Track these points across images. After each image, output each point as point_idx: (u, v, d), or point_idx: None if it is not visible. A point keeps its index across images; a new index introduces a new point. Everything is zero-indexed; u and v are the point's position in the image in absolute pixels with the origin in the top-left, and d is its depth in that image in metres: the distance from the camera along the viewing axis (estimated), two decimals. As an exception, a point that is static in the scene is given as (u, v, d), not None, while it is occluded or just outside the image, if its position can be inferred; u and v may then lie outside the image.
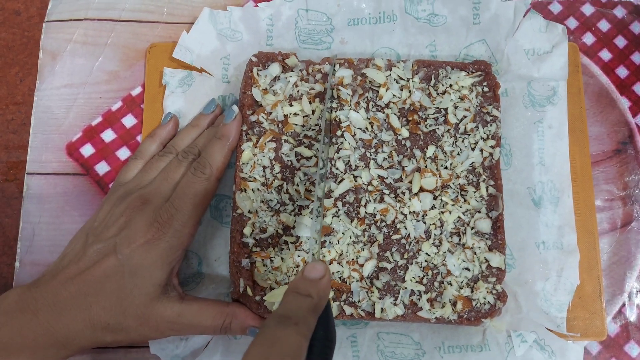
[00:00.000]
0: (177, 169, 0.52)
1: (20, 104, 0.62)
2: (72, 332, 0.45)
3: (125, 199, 0.50)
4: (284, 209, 0.53)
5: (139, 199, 0.49)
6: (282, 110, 0.55)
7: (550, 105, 0.58)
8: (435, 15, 0.60)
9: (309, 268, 0.42)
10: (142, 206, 0.49)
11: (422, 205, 0.53)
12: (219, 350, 0.53)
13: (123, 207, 0.49)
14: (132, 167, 0.54)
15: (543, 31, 0.59)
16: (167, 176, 0.51)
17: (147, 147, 0.55)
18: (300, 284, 0.41)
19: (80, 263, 0.47)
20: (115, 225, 0.48)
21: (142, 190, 0.51)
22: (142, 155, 0.55)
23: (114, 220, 0.49)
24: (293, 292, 0.40)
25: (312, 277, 0.41)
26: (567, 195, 0.56)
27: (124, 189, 0.52)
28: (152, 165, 0.53)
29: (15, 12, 0.64)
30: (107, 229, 0.48)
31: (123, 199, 0.50)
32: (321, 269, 0.42)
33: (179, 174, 0.52)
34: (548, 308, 0.54)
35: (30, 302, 0.45)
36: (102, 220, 0.50)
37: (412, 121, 0.55)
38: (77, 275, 0.46)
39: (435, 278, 0.52)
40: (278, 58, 0.56)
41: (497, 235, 0.53)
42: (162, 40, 0.62)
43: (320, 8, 0.60)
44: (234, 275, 0.52)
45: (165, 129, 0.56)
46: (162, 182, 0.51)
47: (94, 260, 0.47)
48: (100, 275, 0.46)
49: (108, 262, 0.46)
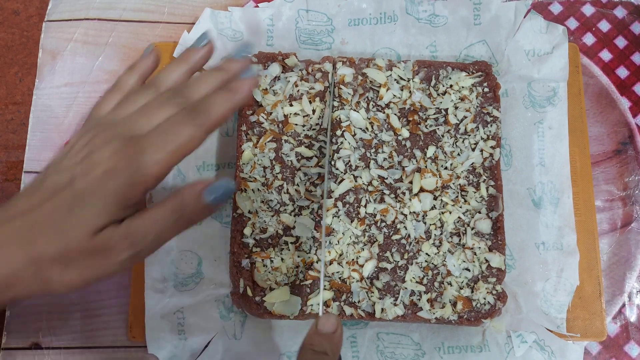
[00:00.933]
0: (159, 108, 0.43)
1: (19, 103, 0.62)
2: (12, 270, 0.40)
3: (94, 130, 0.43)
4: (284, 209, 0.53)
5: (108, 130, 0.42)
6: (282, 110, 0.55)
7: (550, 106, 0.58)
8: (436, 15, 0.60)
9: (323, 322, 0.42)
10: (111, 137, 0.41)
11: (422, 205, 0.53)
12: (219, 350, 0.53)
13: (88, 138, 0.42)
14: (108, 100, 0.46)
15: (543, 32, 0.59)
16: (147, 112, 0.43)
17: (125, 80, 0.47)
18: (315, 340, 0.42)
19: (33, 197, 0.41)
20: (78, 156, 0.42)
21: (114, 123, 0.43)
22: (120, 89, 0.47)
23: (76, 151, 0.42)
24: (309, 350, 0.41)
25: (325, 331, 0.42)
26: (567, 195, 0.56)
27: (95, 122, 0.44)
28: (130, 99, 0.45)
29: (14, 12, 0.64)
30: (68, 160, 0.42)
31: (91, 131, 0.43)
32: (334, 322, 0.42)
33: (161, 114, 0.43)
34: (548, 309, 0.54)
35: None
36: (65, 153, 0.43)
37: (412, 121, 0.55)
38: (27, 210, 0.41)
39: (435, 278, 0.52)
40: (278, 58, 0.56)
41: (497, 235, 0.53)
42: (162, 40, 0.62)
43: (320, 8, 0.60)
44: (234, 275, 0.52)
45: (147, 61, 0.48)
46: (139, 118, 0.43)
47: (48, 192, 0.41)
48: (50, 207, 0.40)
49: (63, 194, 0.41)
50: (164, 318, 0.54)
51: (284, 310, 0.51)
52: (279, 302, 0.51)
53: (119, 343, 0.55)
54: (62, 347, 0.55)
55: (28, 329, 0.56)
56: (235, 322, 0.54)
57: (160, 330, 0.53)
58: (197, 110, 0.42)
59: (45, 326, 0.56)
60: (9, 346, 0.55)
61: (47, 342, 0.55)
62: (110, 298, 0.56)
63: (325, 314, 0.44)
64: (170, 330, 0.53)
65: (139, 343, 0.55)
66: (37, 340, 0.55)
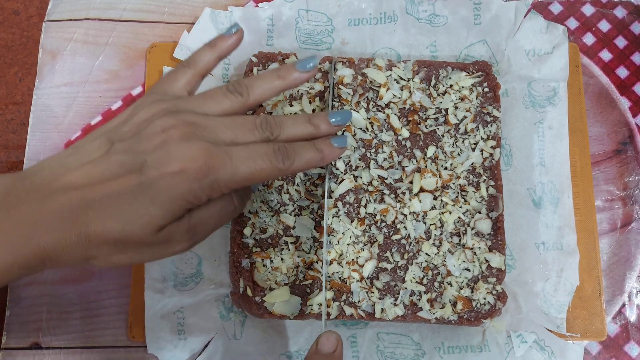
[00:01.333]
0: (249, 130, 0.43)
1: (19, 103, 0.62)
2: (61, 246, 0.38)
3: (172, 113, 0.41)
4: (284, 209, 0.53)
5: (190, 123, 0.40)
6: (282, 110, 0.55)
7: (550, 106, 0.58)
8: (436, 15, 0.60)
9: (323, 341, 0.43)
10: (190, 133, 0.40)
11: (422, 205, 0.53)
12: (219, 350, 0.53)
13: (166, 123, 0.40)
14: (181, 75, 0.45)
15: (544, 32, 0.59)
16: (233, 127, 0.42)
17: (202, 57, 0.46)
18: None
19: (94, 170, 0.39)
20: (152, 141, 0.40)
21: (197, 117, 0.41)
22: (195, 65, 0.45)
23: (150, 134, 0.40)
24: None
25: (326, 352, 0.42)
26: (567, 195, 0.56)
27: (169, 103, 0.42)
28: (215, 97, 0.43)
29: (14, 12, 0.64)
30: (140, 141, 0.40)
31: (168, 113, 0.41)
32: (334, 342, 0.43)
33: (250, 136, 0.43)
34: (548, 309, 0.54)
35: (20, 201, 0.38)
36: (134, 128, 0.41)
37: (412, 121, 0.55)
38: (87, 184, 0.38)
39: (435, 278, 0.52)
40: (278, 58, 0.56)
41: (497, 235, 0.53)
42: (162, 40, 0.62)
43: (320, 8, 0.60)
44: (234, 275, 0.52)
45: (228, 40, 0.46)
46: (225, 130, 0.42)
47: (114, 172, 0.39)
48: (114, 191, 0.38)
49: (128, 180, 0.39)
50: (164, 318, 0.54)
51: (284, 310, 0.51)
52: (279, 302, 0.51)
53: (119, 343, 0.55)
54: (62, 347, 0.55)
55: (28, 329, 0.56)
56: (235, 322, 0.54)
57: (160, 330, 0.53)
58: (287, 155, 0.43)
59: (45, 326, 0.56)
60: (9, 346, 0.55)
61: (47, 342, 0.55)
62: (110, 298, 0.56)
63: (325, 333, 0.44)
64: (170, 330, 0.53)
65: (138, 343, 0.55)
66: (37, 340, 0.55)
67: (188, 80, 0.45)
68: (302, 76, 0.45)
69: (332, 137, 0.46)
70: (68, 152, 0.41)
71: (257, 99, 0.44)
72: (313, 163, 0.45)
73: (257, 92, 0.44)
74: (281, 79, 0.45)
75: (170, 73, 0.45)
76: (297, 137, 0.45)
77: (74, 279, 0.57)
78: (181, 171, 0.39)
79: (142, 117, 0.41)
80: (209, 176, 0.39)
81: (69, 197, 0.38)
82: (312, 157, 0.45)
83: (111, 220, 0.38)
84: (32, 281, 0.56)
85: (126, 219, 0.38)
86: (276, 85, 0.45)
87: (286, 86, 0.45)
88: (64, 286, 0.56)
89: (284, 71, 0.45)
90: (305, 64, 0.45)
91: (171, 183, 0.39)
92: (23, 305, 0.56)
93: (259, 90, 0.44)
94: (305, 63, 0.45)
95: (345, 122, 0.47)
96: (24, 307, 0.56)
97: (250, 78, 0.44)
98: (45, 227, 0.37)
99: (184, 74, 0.45)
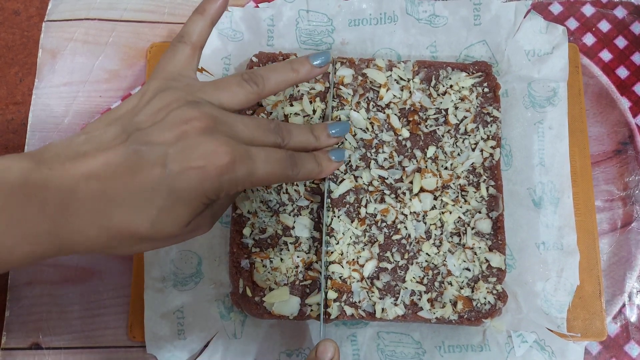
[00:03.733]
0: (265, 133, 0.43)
1: (19, 103, 0.61)
2: (82, 238, 0.37)
3: (190, 104, 0.40)
4: (284, 209, 0.53)
5: (210, 116, 0.39)
6: (282, 110, 0.55)
7: (550, 106, 0.58)
8: (436, 16, 0.60)
9: (321, 350, 0.44)
10: (212, 127, 0.39)
11: (422, 205, 0.53)
12: (219, 350, 0.53)
13: (186, 114, 0.39)
14: (179, 52, 0.44)
15: (543, 32, 0.59)
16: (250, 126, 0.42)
17: (194, 27, 0.44)
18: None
19: (114, 160, 0.37)
20: (172, 131, 0.38)
21: (216, 110, 0.41)
22: (189, 38, 0.44)
23: (170, 124, 0.39)
24: None
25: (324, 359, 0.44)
26: (567, 195, 0.56)
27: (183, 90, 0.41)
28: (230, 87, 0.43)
29: (14, 12, 0.64)
30: (159, 132, 0.38)
31: (186, 103, 0.40)
32: (332, 351, 0.44)
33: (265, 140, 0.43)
34: (548, 308, 0.54)
35: (38, 189, 0.36)
36: (150, 116, 0.39)
37: (412, 121, 0.55)
38: (106, 174, 0.37)
39: (436, 278, 0.52)
40: (279, 58, 0.56)
41: (498, 235, 0.53)
42: (162, 40, 0.62)
43: (321, 9, 0.60)
44: (233, 275, 0.52)
45: (215, 3, 0.45)
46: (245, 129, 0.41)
47: (133, 163, 0.37)
48: (136, 185, 0.37)
49: (151, 173, 0.37)
50: (164, 318, 0.54)
51: (283, 310, 0.51)
52: (278, 302, 0.51)
53: (119, 343, 0.55)
54: (62, 347, 0.55)
55: (28, 329, 0.55)
56: (235, 321, 0.54)
57: (160, 330, 0.53)
58: (295, 164, 0.44)
59: (45, 326, 0.56)
60: (9, 346, 0.55)
61: (47, 342, 0.55)
62: (110, 298, 0.56)
63: (323, 341, 0.45)
64: (170, 330, 0.53)
65: (139, 343, 0.55)
66: (37, 340, 0.55)
67: (188, 56, 0.44)
68: (315, 71, 0.46)
69: (331, 150, 0.49)
70: (81, 138, 0.39)
71: (271, 90, 0.44)
72: (313, 175, 0.47)
73: (272, 84, 0.44)
74: (295, 72, 0.45)
75: (169, 52, 0.44)
76: (301, 146, 0.46)
77: (74, 279, 0.57)
78: (204, 167, 0.38)
79: (157, 105, 0.40)
80: (230, 173, 0.39)
81: (91, 189, 0.37)
82: (313, 169, 0.47)
83: (138, 218, 0.38)
84: (32, 281, 0.56)
85: (154, 218, 0.38)
86: (291, 77, 0.45)
87: (299, 80, 0.45)
88: (64, 286, 0.56)
89: (297, 64, 0.45)
90: (318, 58, 0.46)
91: (194, 179, 0.38)
92: (23, 305, 0.56)
93: (274, 82, 0.44)
94: (318, 57, 0.46)
95: (344, 134, 0.49)
96: (24, 307, 0.56)
97: (265, 69, 0.44)
98: (65, 218, 0.36)
99: (182, 50, 0.44)
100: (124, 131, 0.39)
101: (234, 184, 0.40)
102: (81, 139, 0.39)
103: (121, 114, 0.40)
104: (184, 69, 0.43)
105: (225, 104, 0.42)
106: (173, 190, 0.38)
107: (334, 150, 0.49)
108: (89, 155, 0.37)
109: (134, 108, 0.40)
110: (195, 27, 0.44)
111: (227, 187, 0.39)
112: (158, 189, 0.37)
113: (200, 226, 0.42)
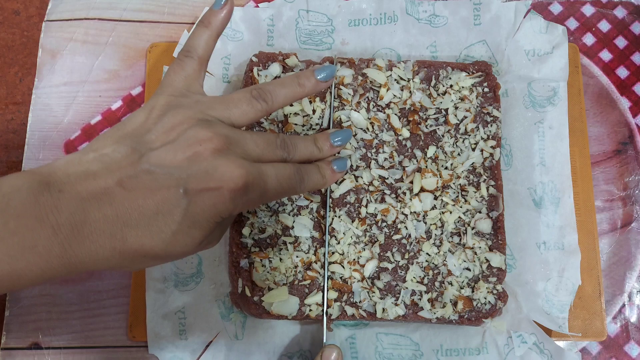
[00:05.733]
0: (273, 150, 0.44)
1: (19, 103, 0.61)
2: (95, 259, 0.37)
3: (203, 123, 0.40)
4: (283, 209, 0.53)
5: (223, 137, 0.39)
6: (282, 110, 0.55)
7: (550, 106, 0.58)
8: (436, 16, 0.60)
9: (327, 356, 0.48)
10: (225, 148, 0.39)
11: (422, 205, 0.53)
12: (222, 350, 0.53)
13: (200, 135, 0.39)
14: (187, 67, 0.44)
15: (543, 32, 0.59)
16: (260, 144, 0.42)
17: (199, 41, 0.44)
18: None
19: (124, 180, 0.37)
20: (185, 153, 0.38)
21: (228, 130, 0.40)
22: (195, 52, 0.44)
23: (183, 145, 0.38)
24: None
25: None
26: (568, 195, 0.56)
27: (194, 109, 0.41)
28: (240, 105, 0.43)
29: (14, 12, 0.64)
30: (173, 153, 0.38)
31: (199, 123, 0.39)
32: (335, 355, 0.48)
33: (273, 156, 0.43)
34: (550, 308, 0.54)
35: (50, 211, 0.35)
36: (161, 136, 0.39)
37: (412, 121, 0.55)
38: (118, 197, 0.37)
39: (436, 278, 0.52)
40: (278, 58, 0.56)
41: (498, 235, 0.53)
42: (162, 40, 0.62)
43: (321, 9, 0.60)
44: (233, 275, 0.52)
45: (220, 14, 0.45)
46: (255, 147, 0.42)
47: (146, 185, 0.37)
48: (150, 207, 0.37)
49: (166, 196, 0.37)
50: (165, 318, 0.54)
51: (282, 310, 0.51)
52: (277, 302, 0.51)
53: (119, 343, 0.55)
54: (62, 347, 0.55)
55: (28, 329, 0.55)
56: (236, 322, 0.54)
57: (162, 330, 0.53)
58: (302, 178, 0.45)
59: (45, 326, 0.55)
60: (8, 346, 0.55)
61: (47, 342, 0.55)
62: (110, 298, 0.56)
63: (328, 347, 0.47)
64: (171, 330, 0.53)
65: (139, 343, 0.55)
66: (37, 340, 0.55)
67: (195, 70, 0.44)
68: (321, 85, 0.47)
69: (334, 160, 0.49)
70: (89, 156, 0.38)
71: (279, 106, 0.45)
72: (318, 186, 0.48)
73: (280, 100, 0.45)
74: (301, 87, 0.46)
75: (175, 65, 0.44)
76: (305, 158, 0.47)
77: (74, 279, 0.57)
78: (219, 190, 0.38)
79: (168, 124, 0.39)
80: (244, 196, 0.39)
81: (103, 212, 0.36)
82: (318, 180, 0.48)
83: (152, 240, 0.38)
84: (32, 281, 0.56)
85: (168, 240, 0.38)
86: (298, 92, 0.46)
87: (306, 94, 0.47)
88: (64, 286, 0.56)
89: (303, 79, 0.46)
90: (322, 72, 0.47)
91: (208, 202, 0.38)
92: (23, 305, 0.56)
93: (282, 98, 0.45)
94: (322, 71, 0.47)
95: (346, 142, 0.50)
96: (24, 307, 0.56)
97: (273, 84, 0.45)
98: (77, 242, 0.36)
99: (189, 65, 0.43)
100: (134, 150, 0.38)
101: (247, 204, 0.40)
102: (90, 157, 0.38)
103: (130, 130, 0.40)
104: (191, 84, 0.43)
105: (235, 122, 0.42)
106: (188, 213, 0.38)
107: (336, 160, 0.50)
108: (99, 176, 0.37)
109: (143, 125, 0.40)
110: (201, 40, 0.44)
111: (241, 208, 0.40)
112: (173, 212, 0.37)
113: (211, 242, 0.42)
